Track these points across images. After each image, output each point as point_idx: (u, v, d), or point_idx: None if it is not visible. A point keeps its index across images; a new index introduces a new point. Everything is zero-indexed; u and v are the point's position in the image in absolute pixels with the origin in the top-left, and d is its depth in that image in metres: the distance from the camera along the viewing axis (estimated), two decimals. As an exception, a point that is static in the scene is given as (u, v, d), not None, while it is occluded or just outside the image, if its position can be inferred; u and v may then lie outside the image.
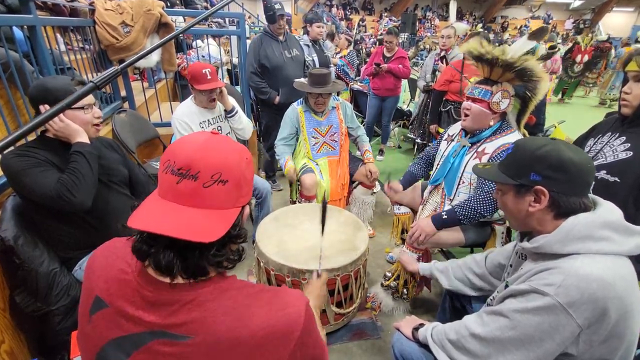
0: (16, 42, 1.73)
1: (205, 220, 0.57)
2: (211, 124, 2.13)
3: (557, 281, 0.76)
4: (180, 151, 0.59)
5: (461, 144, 1.71)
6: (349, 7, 18.12)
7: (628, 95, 1.25)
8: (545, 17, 19.98)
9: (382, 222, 2.81)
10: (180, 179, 0.57)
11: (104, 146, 1.50)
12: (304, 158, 2.38)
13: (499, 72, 1.54)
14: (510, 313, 0.82)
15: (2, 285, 1.29)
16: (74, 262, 1.39)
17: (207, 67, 1.94)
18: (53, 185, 1.17)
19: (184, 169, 0.57)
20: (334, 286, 1.59)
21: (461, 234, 1.69)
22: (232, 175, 0.59)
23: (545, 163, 0.84)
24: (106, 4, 2.53)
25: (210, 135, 0.62)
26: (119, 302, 0.60)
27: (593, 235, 0.79)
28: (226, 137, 0.64)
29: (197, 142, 0.60)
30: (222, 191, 0.58)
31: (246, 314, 0.58)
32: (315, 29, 3.32)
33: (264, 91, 2.86)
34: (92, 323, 0.63)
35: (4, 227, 1.23)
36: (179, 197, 0.57)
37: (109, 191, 1.44)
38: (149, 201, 0.61)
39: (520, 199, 0.89)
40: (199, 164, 0.57)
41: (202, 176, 0.57)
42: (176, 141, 0.62)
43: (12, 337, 1.31)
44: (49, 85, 1.24)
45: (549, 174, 0.83)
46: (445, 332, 0.97)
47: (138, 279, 0.60)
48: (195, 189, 0.57)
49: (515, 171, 0.89)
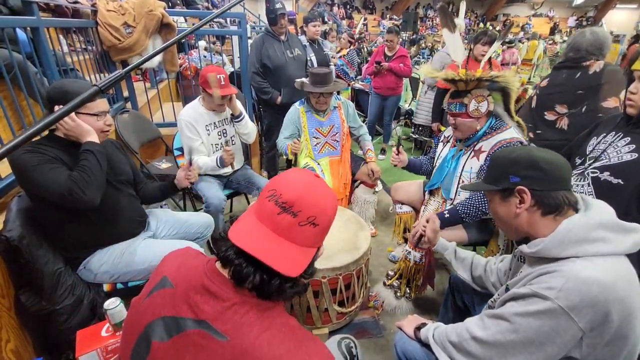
0: (19, 43, 1.75)
1: (294, 255, 0.64)
2: (217, 127, 2.14)
3: (558, 285, 0.76)
4: (288, 186, 0.66)
5: (458, 147, 1.72)
6: (350, 6, 18.08)
7: (634, 95, 1.22)
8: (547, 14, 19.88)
9: (384, 221, 2.81)
10: (282, 212, 0.64)
11: (110, 146, 1.52)
12: (305, 158, 2.38)
13: (463, 85, 1.57)
14: (512, 317, 0.82)
15: (7, 285, 1.30)
16: (79, 261, 1.40)
17: (221, 73, 1.95)
18: (64, 182, 1.18)
19: (288, 204, 0.64)
20: (336, 285, 1.59)
21: (464, 232, 1.69)
22: (324, 220, 0.67)
23: (520, 164, 0.89)
24: (108, 5, 2.54)
25: (314, 178, 0.70)
26: (184, 285, 0.66)
27: (588, 237, 0.80)
28: (325, 184, 0.72)
29: (304, 182, 0.67)
30: (312, 232, 0.65)
31: (276, 339, 0.61)
32: (311, 28, 3.30)
33: (266, 91, 2.85)
34: (150, 298, 0.69)
35: (9, 227, 1.24)
36: (276, 226, 0.64)
37: (116, 191, 1.45)
38: (247, 220, 0.67)
39: (506, 203, 0.93)
40: (302, 204, 0.64)
41: (300, 215, 0.64)
42: (285, 174, 0.70)
43: (17, 336, 1.32)
44: (68, 88, 1.25)
45: (526, 174, 0.88)
46: (446, 334, 0.97)
47: (207, 269, 0.67)
48: (291, 225, 0.64)
49: (496, 177, 0.95)
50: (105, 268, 1.40)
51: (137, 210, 1.56)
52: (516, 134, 1.57)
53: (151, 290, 0.70)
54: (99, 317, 1.39)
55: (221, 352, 0.59)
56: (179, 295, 0.65)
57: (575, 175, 1.38)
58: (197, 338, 0.60)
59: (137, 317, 0.69)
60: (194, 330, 0.61)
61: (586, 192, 1.31)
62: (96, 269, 1.40)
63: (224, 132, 2.18)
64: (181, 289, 0.66)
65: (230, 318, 0.61)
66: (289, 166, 2.69)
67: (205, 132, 2.07)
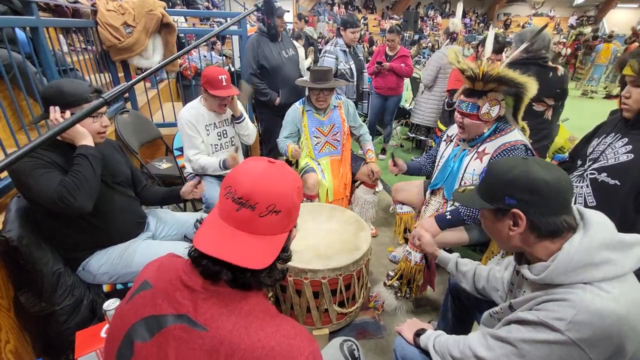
0: (19, 43, 1.74)
1: (259, 247, 0.64)
2: (217, 128, 2.13)
3: (568, 316, 0.72)
4: (241, 180, 0.65)
5: (461, 147, 1.70)
6: (351, 6, 18.07)
7: (628, 99, 1.23)
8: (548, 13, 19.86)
9: (385, 221, 2.80)
10: (240, 207, 0.63)
11: (107, 147, 1.51)
12: (306, 157, 2.38)
13: (482, 84, 1.51)
14: (518, 342, 0.79)
15: (6, 286, 1.30)
16: (78, 262, 1.40)
17: (223, 73, 1.93)
18: (54, 188, 1.17)
19: (244, 199, 0.63)
20: (336, 286, 1.59)
21: (465, 233, 1.68)
22: (285, 205, 0.66)
23: (517, 187, 0.82)
24: (108, 4, 2.54)
25: (268, 165, 0.68)
26: (162, 284, 0.67)
27: (593, 260, 0.76)
28: (282, 167, 0.69)
29: (256, 173, 0.66)
30: (275, 220, 0.65)
31: (254, 325, 0.61)
32: (350, 34, 3.05)
33: (265, 92, 2.82)
34: (131, 302, 0.69)
35: (8, 227, 1.24)
36: (237, 223, 0.64)
37: (113, 192, 1.44)
38: (211, 221, 0.67)
39: (500, 223, 0.88)
40: (258, 196, 0.63)
41: (259, 207, 0.63)
42: (238, 167, 0.68)
43: (16, 337, 1.32)
44: (64, 88, 1.24)
45: (522, 197, 0.81)
46: (448, 347, 0.96)
47: (184, 266, 0.68)
48: (252, 218, 0.64)
49: (491, 196, 0.88)
50: (105, 269, 1.40)
51: (135, 211, 1.56)
52: (520, 137, 1.56)
53: (132, 295, 0.70)
54: (98, 317, 1.38)
55: (201, 343, 0.59)
56: (158, 293, 0.66)
57: (575, 177, 1.38)
58: (178, 332, 0.61)
59: (118, 323, 0.69)
60: (174, 325, 0.62)
61: (585, 193, 1.32)
62: (95, 269, 1.39)
63: (224, 133, 2.17)
64: (160, 287, 0.67)
65: (208, 309, 0.62)
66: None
67: (205, 132, 2.07)
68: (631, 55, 1.22)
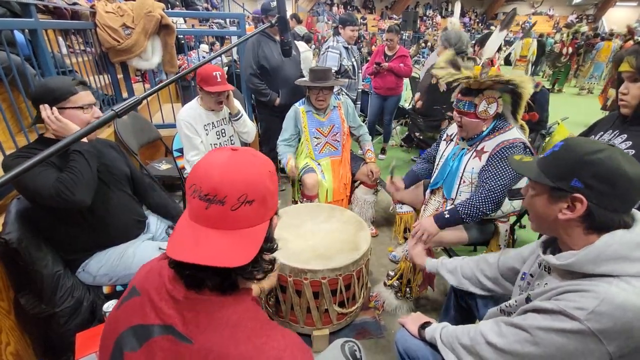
0: (18, 45, 1.74)
1: (239, 242, 0.59)
2: (215, 127, 2.14)
3: (590, 306, 0.70)
4: (204, 175, 0.59)
5: (460, 146, 1.71)
6: (350, 6, 18.07)
7: (625, 95, 1.24)
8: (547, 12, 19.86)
9: (385, 221, 2.80)
10: (209, 205, 0.58)
11: (103, 146, 1.51)
12: (306, 158, 2.38)
13: (477, 84, 1.53)
14: (533, 329, 0.78)
15: (6, 287, 1.30)
16: (78, 263, 1.40)
17: (217, 70, 1.95)
18: (52, 184, 1.18)
19: (211, 194, 0.58)
20: (336, 286, 1.59)
21: (464, 233, 1.68)
22: (258, 193, 0.60)
23: (594, 170, 0.74)
24: (107, 6, 2.54)
25: (231, 153, 0.62)
26: (150, 291, 0.64)
27: (630, 256, 0.72)
28: (247, 153, 0.64)
29: (219, 164, 0.60)
30: (250, 211, 0.60)
31: (242, 336, 0.58)
32: (349, 32, 3.10)
33: (264, 93, 2.82)
34: (120, 309, 0.67)
35: (8, 229, 1.24)
36: (209, 221, 0.59)
37: (111, 191, 1.44)
38: (181, 226, 0.62)
39: (552, 203, 0.81)
40: (225, 189, 0.58)
41: (229, 200, 0.58)
42: (199, 163, 0.62)
43: (17, 339, 1.32)
44: (50, 85, 1.26)
45: (593, 184, 0.74)
46: (457, 336, 0.95)
47: (169, 274, 0.64)
48: (224, 213, 0.58)
49: (556, 172, 0.80)
50: (104, 270, 1.40)
51: (134, 210, 1.56)
52: (519, 135, 1.57)
53: (121, 302, 0.68)
54: (98, 319, 1.38)
55: (188, 355, 0.57)
56: (145, 302, 0.63)
57: None
58: (165, 343, 0.59)
59: (109, 331, 0.67)
60: (161, 336, 0.59)
61: None
62: (95, 271, 1.40)
63: (222, 132, 2.17)
64: (147, 295, 0.64)
65: (193, 320, 0.59)
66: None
67: (204, 132, 2.07)
68: (627, 52, 1.22)
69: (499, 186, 1.50)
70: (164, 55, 2.74)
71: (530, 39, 8.34)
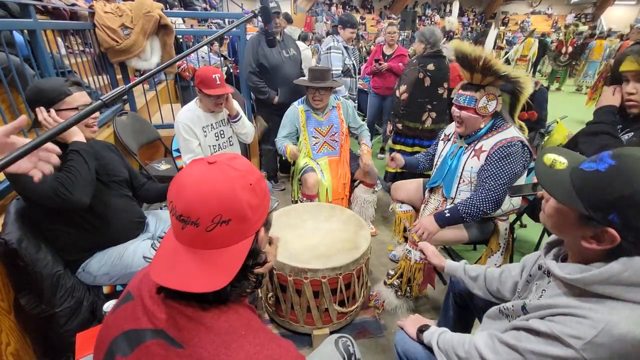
0: (17, 46, 1.74)
1: (215, 264, 0.57)
2: (214, 129, 2.13)
3: (587, 336, 0.66)
4: (177, 195, 0.58)
5: (458, 144, 1.71)
6: (349, 6, 18.08)
7: (634, 95, 1.21)
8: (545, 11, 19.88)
9: (384, 220, 2.81)
10: (184, 225, 0.57)
11: (101, 148, 1.51)
12: (304, 157, 2.38)
13: (480, 77, 1.54)
14: (527, 352, 0.76)
15: (6, 288, 1.30)
16: (78, 264, 1.40)
17: (216, 72, 1.94)
18: (49, 184, 1.17)
19: (184, 215, 0.56)
20: (336, 285, 1.59)
21: (464, 231, 1.69)
22: (233, 212, 0.57)
23: (637, 208, 0.64)
24: (105, 7, 2.54)
25: (205, 169, 0.59)
26: (144, 296, 0.63)
27: None
28: (223, 167, 0.59)
29: (192, 181, 0.57)
30: (227, 230, 0.57)
31: (234, 344, 0.56)
32: (348, 33, 3.16)
33: (263, 91, 2.84)
34: (115, 314, 0.66)
35: (8, 230, 1.24)
36: (187, 241, 0.58)
37: (110, 192, 1.44)
38: (165, 241, 0.62)
39: (577, 228, 0.72)
40: (197, 211, 0.55)
41: (202, 222, 0.56)
42: (175, 179, 0.60)
43: (17, 339, 1.32)
44: (42, 87, 1.26)
45: (636, 225, 0.65)
46: (453, 346, 0.94)
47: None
48: (199, 235, 0.56)
49: (594, 200, 0.68)
50: (105, 270, 1.40)
51: (134, 211, 1.56)
52: (517, 133, 1.57)
53: (116, 307, 0.67)
54: (98, 319, 1.38)
55: None
56: (138, 306, 0.62)
57: None
58: (157, 348, 0.57)
59: (103, 335, 0.66)
60: (152, 340, 0.58)
61: None
62: (95, 271, 1.40)
63: (221, 134, 2.17)
64: (141, 299, 0.63)
65: (185, 325, 0.57)
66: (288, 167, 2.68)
67: (203, 134, 2.07)
68: (629, 52, 1.20)
69: (499, 185, 1.51)
70: (163, 55, 2.74)
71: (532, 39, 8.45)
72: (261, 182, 0.63)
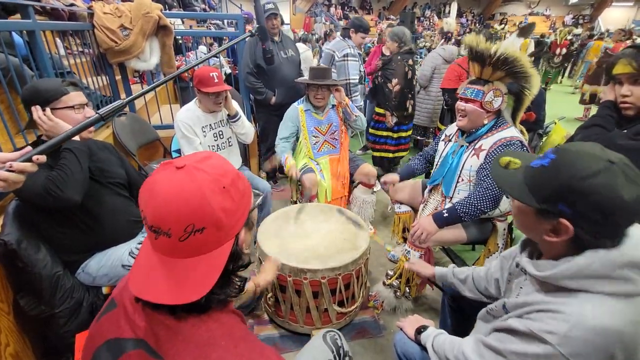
0: (15, 47, 1.74)
1: (191, 273, 0.54)
2: (213, 129, 2.14)
3: (561, 330, 0.68)
4: (146, 203, 0.55)
5: (459, 143, 1.72)
6: (348, 6, 18.10)
7: (629, 97, 1.22)
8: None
9: (383, 220, 2.81)
10: (157, 236, 0.54)
11: (98, 148, 1.51)
12: (304, 158, 2.39)
13: (489, 72, 1.55)
14: (510, 354, 0.77)
15: (5, 289, 1.30)
16: (77, 265, 1.40)
17: (214, 71, 1.96)
18: (41, 182, 1.17)
19: (155, 226, 0.53)
20: (336, 285, 1.59)
21: (463, 231, 1.69)
22: (206, 220, 0.54)
23: (586, 200, 0.66)
24: (105, 7, 2.54)
25: (173, 175, 0.55)
26: (125, 303, 0.61)
27: (611, 275, 0.68)
28: (192, 171, 0.55)
29: (160, 190, 0.53)
30: (202, 238, 0.54)
31: (215, 354, 0.54)
32: (359, 38, 3.20)
33: (260, 91, 2.86)
34: (99, 323, 0.65)
35: (7, 231, 1.24)
36: (163, 250, 0.56)
37: (106, 192, 1.44)
38: (143, 250, 0.59)
39: (537, 223, 0.76)
40: (167, 221, 0.53)
41: (174, 232, 0.53)
42: (144, 186, 0.57)
43: (16, 340, 1.32)
44: (38, 87, 1.27)
45: (583, 212, 0.67)
46: (444, 349, 0.95)
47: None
48: (173, 245, 0.54)
49: (544, 193, 0.72)
50: (104, 271, 1.40)
51: (131, 212, 1.55)
52: (517, 133, 1.58)
53: (100, 315, 0.65)
54: (98, 320, 1.38)
55: None
56: (121, 314, 0.61)
57: None
58: (137, 359, 0.56)
59: (88, 346, 0.65)
60: (133, 351, 0.56)
61: None
62: (94, 272, 1.39)
63: (220, 134, 2.18)
64: (123, 307, 0.61)
65: (163, 335, 0.55)
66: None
67: (202, 134, 2.08)
68: (622, 55, 1.20)
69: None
70: (162, 56, 2.74)
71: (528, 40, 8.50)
72: (237, 183, 0.59)
